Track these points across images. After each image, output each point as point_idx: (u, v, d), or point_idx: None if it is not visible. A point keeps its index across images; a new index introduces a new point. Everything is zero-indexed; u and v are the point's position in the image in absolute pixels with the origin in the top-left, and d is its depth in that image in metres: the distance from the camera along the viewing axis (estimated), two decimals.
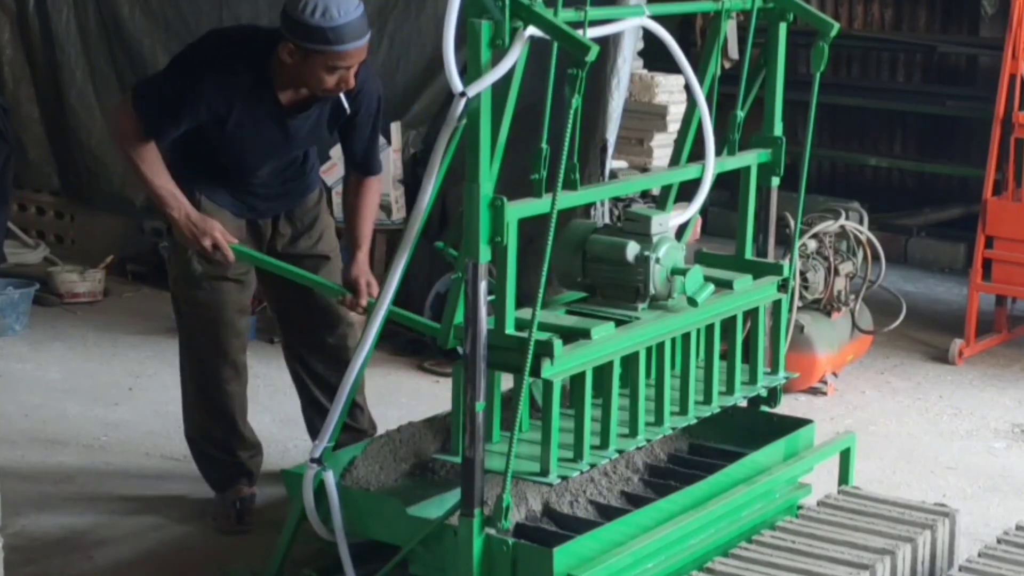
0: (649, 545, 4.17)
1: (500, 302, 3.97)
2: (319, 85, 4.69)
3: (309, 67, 4.64)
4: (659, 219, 4.40)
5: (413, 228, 4.11)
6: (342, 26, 4.56)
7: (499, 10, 3.73)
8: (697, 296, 4.36)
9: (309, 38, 4.57)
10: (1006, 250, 7.53)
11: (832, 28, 4.71)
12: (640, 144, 7.76)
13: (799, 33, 6.22)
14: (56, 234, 9.09)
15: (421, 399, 6.47)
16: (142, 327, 7.55)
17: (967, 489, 5.83)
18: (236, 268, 5.00)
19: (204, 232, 4.81)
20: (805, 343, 6.73)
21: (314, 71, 4.65)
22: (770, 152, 4.82)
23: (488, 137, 3.81)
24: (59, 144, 8.92)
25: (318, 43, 4.57)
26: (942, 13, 10.36)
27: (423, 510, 4.24)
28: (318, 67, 4.63)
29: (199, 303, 5.06)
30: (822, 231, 6.92)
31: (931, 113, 10.08)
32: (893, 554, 4.34)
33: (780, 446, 4.78)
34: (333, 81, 4.67)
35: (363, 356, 4.25)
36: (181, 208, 4.83)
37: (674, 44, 4.35)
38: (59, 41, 8.74)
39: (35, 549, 4.99)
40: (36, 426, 6.20)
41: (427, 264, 6.74)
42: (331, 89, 4.70)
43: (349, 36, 4.57)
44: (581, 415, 4.13)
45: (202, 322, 5.09)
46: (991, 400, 6.94)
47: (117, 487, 5.56)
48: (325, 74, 4.65)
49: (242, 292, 5.10)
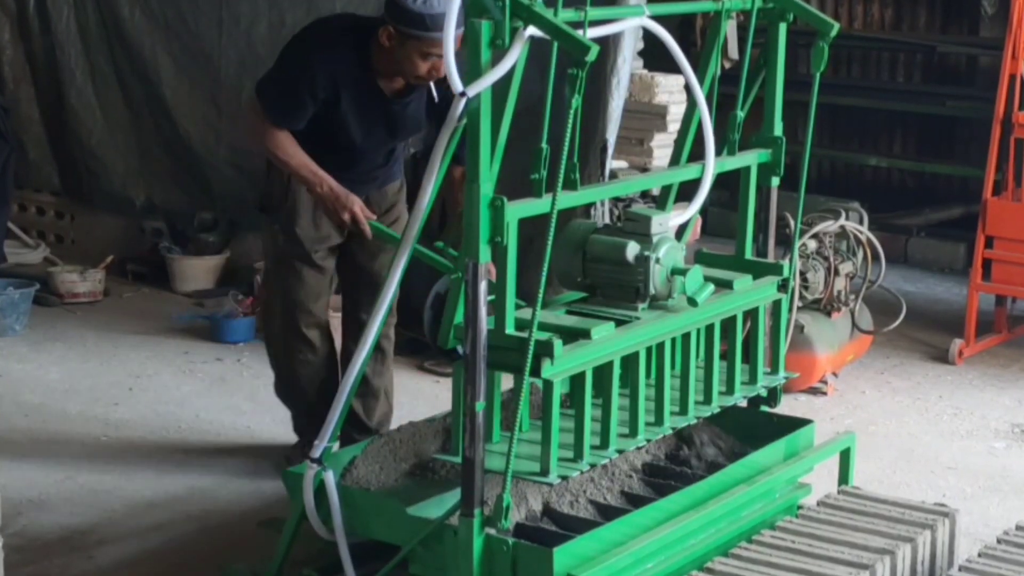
0: (649, 545, 4.17)
1: (500, 302, 3.97)
2: (412, 71, 4.96)
3: (405, 52, 4.92)
4: (659, 219, 4.40)
5: (413, 228, 4.12)
6: (440, 14, 4.75)
7: (499, 10, 3.73)
8: (697, 296, 4.36)
9: (409, 22, 4.86)
10: (1006, 250, 7.53)
11: (832, 28, 4.71)
12: (640, 144, 7.76)
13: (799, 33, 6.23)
14: (56, 234, 9.10)
15: (421, 399, 6.47)
16: (142, 327, 7.56)
17: (967, 489, 5.83)
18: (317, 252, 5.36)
19: (345, 206, 5.14)
20: (805, 343, 6.73)
21: (409, 56, 4.92)
22: (770, 152, 4.82)
23: (488, 137, 3.81)
24: (59, 144, 8.92)
25: (416, 28, 4.85)
26: (942, 13, 10.37)
27: (423, 510, 4.24)
28: (413, 52, 4.91)
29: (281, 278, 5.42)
30: (822, 231, 6.93)
31: (931, 113, 10.08)
32: (893, 554, 4.34)
33: (780, 446, 4.78)
34: (426, 68, 4.94)
35: (363, 356, 4.24)
36: (324, 183, 5.15)
37: (674, 44, 4.35)
38: (59, 41, 8.74)
39: (35, 549, 5.00)
40: (36, 426, 6.20)
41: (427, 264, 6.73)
42: (423, 76, 4.97)
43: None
44: (581, 415, 4.13)
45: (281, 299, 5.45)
46: (991, 400, 6.94)
47: (117, 487, 5.57)
48: (419, 60, 4.92)
49: (321, 276, 5.44)
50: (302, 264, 5.39)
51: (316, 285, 5.45)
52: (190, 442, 6.02)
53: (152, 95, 8.43)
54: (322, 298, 5.52)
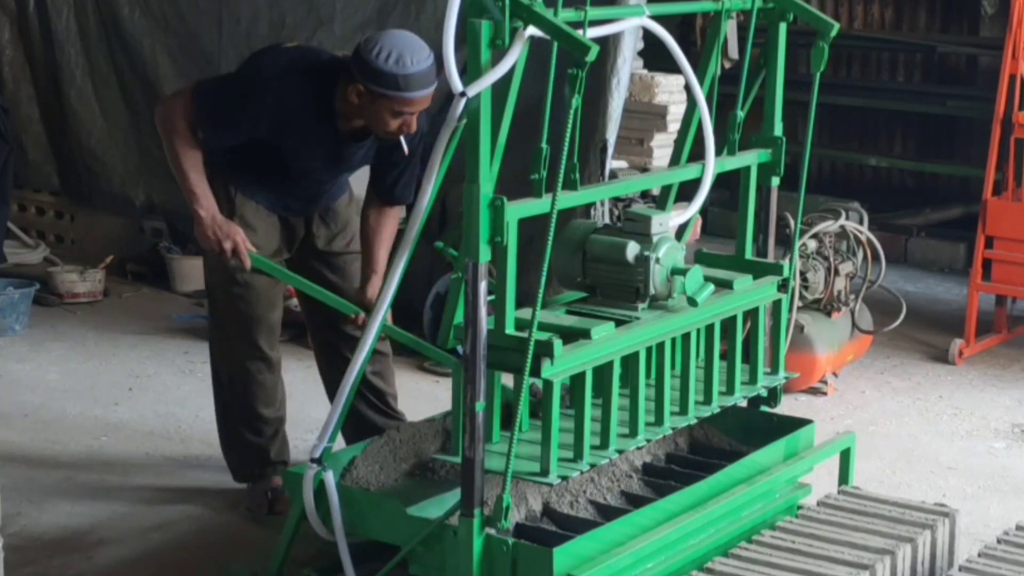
0: (649, 545, 4.17)
1: (500, 302, 3.97)
2: (382, 128, 4.78)
3: (376, 109, 4.72)
4: (659, 219, 4.40)
5: (413, 228, 4.12)
6: (413, 74, 4.63)
7: (499, 10, 3.73)
8: (697, 296, 4.36)
9: (380, 83, 4.65)
10: (1006, 250, 7.53)
11: (832, 28, 4.71)
12: (640, 144, 7.76)
13: (799, 33, 6.23)
14: (56, 234, 9.10)
15: (421, 399, 6.46)
16: (142, 327, 7.55)
17: (967, 489, 5.83)
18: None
19: (227, 235, 4.89)
20: (805, 343, 6.73)
21: (380, 114, 4.73)
22: (770, 152, 4.82)
23: (488, 137, 3.81)
24: (59, 144, 8.92)
25: (388, 88, 4.65)
26: (942, 13, 10.37)
27: (423, 510, 4.24)
28: (384, 110, 4.72)
29: (232, 296, 5.14)
30: (822, 231, 6.93)
31: (931, 113, 10.08)
32: (893, 554, 4.34)
33: (780, 446, 4.78)
34: (396, 124, 4.75)
35: (363, 357, 4.25)
36: (210, 209, 4.92)
37: (674, 44, 4.35)
38: (59, 41, 8.74)
39: (35, 549, 4.99)
40: (36, 426, 6.20)
41: (427, 264, 6.75)
42: (392, 132, 4.79)
43: (418, 84, 4.64)
44: (581, 415, 4.14)
45: (235, 314, 5.18)
46: (991, 400, 6.94)
47: (117, 487, 5.57)
48: (390, 118, 4.73)
49: (274, 287, 5.19)
50: (254, 278, 5.09)
51: (270, 298, 5.20)
52: (190, 442, 6.02)
53: (152, 95, 8.42)
54: (276, 311, 5.26)
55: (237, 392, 5.28)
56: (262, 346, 5.23)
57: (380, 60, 4.63)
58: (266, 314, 5.21)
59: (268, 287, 5.16)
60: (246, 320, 5.18)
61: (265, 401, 5.29)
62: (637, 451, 4.62)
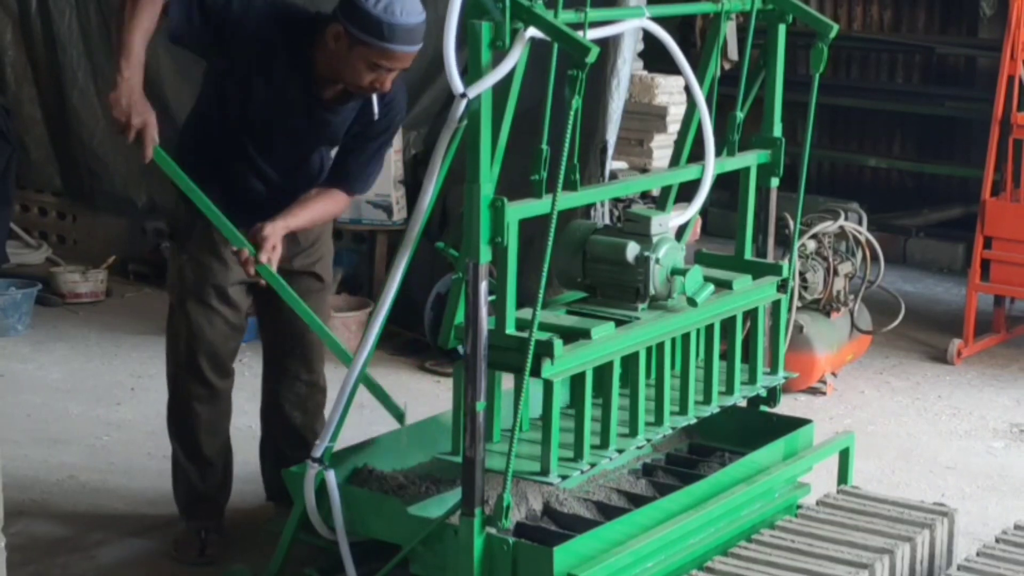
0: (649, 545, 4.18)
1: (500, 302, 3.98)
2: (354, 78, 4.51)
3: (352, 57, 4.46)
4: (659, 219, 4.41)
5: (414, 229, 4.12)
6: (400, 25, 4.40)
7: (499, 11, 3.74)
8: (697, 296, 4.37)
9: (363, 27, 4.40)
10: (1005, 250, 7.54)
11: (831, 29, 4.72)
12: (640, 145, 7.78)
13: (799, 34, 6.25)
14: (58, 234, 9.11)
15: (421, 399, 6.48)
16: (144, 327, 7.56)
17: (966, 489, 5.84)
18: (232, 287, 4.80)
19: (138, 112, 4.46)
20: (804, 343, 6.74)
21: (355, 62, 4.47)
22: (770, 153, 4.83)
23: (488, 138, 3.82)
24: (61, 145, 8.93)
25: (371, 35, 4.40)
26: (941, 14, 10.38)
27: (424, 510, 4.25)
28: (360, 59, 4.46)
29: (186, 315, 4.84)
30: (821, 231, 6.94)
31: (930, 114, 10.09)
32: (892, 553, 4.35)
33: (779, 446, 4.79)
34: (370, 79, 4.50)
35: (363, 357, 4.25)
36: (132, 77, 4.46)
37: (674, 45, 4.36)
38: (61, 42, 8.75)
39: (36, 549, 5.00)
40: (38, 426, 6.21)
41: (428, 264, 6.76)
42: (364, 86, 4.52)
43: (403, 38, 4.42)
44: (581, 415, 4.15)
45: (185, 338, 4.86)
46: (990, 400, 6.95)
47: (119, 487, 5.58)
48: (365, 69, 4.47)
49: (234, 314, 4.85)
50: (212, 299, 4.78)
51: (226, 325, 4.83)
52: None
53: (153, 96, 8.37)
54: (231, 342, 4.88)
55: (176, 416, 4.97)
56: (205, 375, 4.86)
57: (369, 3, 4.38)
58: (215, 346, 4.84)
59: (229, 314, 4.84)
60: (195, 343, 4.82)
61: (200, 432, 4.94)
62: (637, 451, 4.64)
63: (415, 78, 7.66)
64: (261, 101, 4.65)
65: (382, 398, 4.49)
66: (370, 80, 4.50)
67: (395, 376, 6.86)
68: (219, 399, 4.96)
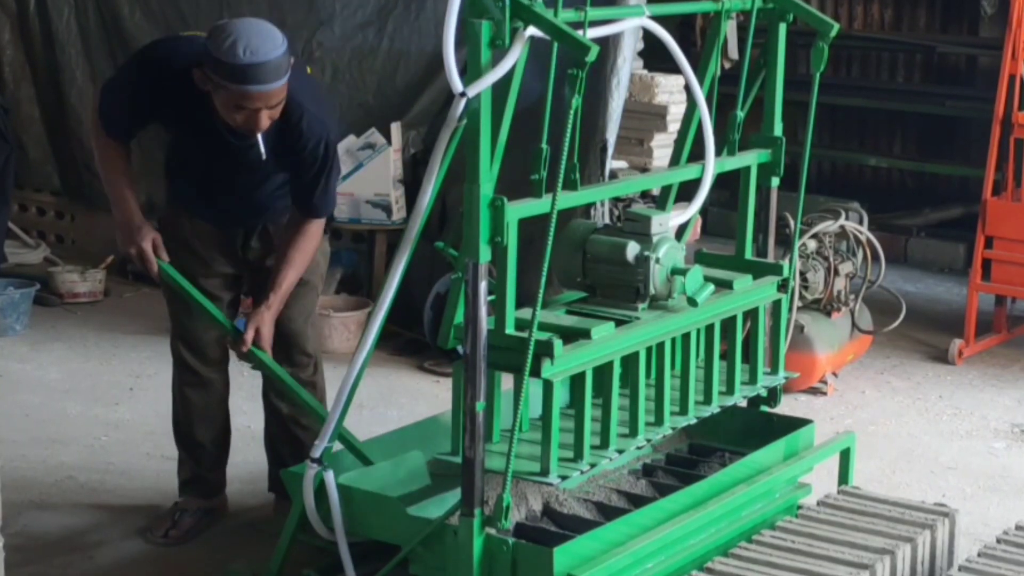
0: (649, 545, 4.18)
1: (500, 302, 3.98)
2: (229, 119, 4.51)
3: (219, 99, 4.47)
4: (659, 219, 4.40)
5: (413, 228, 4.12)
6: (248, 66, 4.34)
7: (499, 10, 3.73)
8: (697, 296, 4.37)
9: (216, 71, 4.40)
10: (1006, 250, 7.53)
11: (832, 28, 4.72)
12: (640, 144, 7.77)
13: (799, 33, 6.23)
14: (56, 234, 9.10)
15: (421, 399, 6.47)
16: (143, 327, 7.55)
17: (967, 489, 5.83)
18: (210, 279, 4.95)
19: (132, 241, 4.72)
20: (805, 343, 6.73)
21: (224, 104, 4.47)
22: (770, 152, 4.83)
23: (488, 137, 3.81)
24: (60, 144, 8.92)
25: (223, 78, 4.39)
26: (942, 13, 10.37)
27: (423, 510, 4.24)
28: (227, 101, 4.45)
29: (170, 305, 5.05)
30: (822, 231, 6.93)
31: (931, 113, 10.08)
32: (893, 554, 4.34)
33: (780, 446, 4.79)
34: (242, 118, 4.48)
35: (363, 357, 4.24)
36: (124, 211, 4.74)
37: (674, 44, 4.36)
38: (60, 41, 8.74)
39: (36, 549, 5.00)
40: (37, 426, 6.20)
41: (427, 264, 6.75)
42: (239, 126, 4.52)
43: (255, 78, 4.36)
44: (581, 415, 4.14)
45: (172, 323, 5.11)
46: (991, 400, 6.94)
47: (118, 487, 5.57)
48: (233, 110, 4.46)
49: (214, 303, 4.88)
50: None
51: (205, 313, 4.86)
52: None
53: None
54: (212, 331, 4.97)
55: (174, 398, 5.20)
56: (196, 368, 5.08)
57: (222, 47, 4.34)
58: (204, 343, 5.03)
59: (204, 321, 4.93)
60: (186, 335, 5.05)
61: (193, 417, 5.14)
62: (637, 451, 4.63)
63: (414, 77, 7.67)
64: (195, 144, 4.78)
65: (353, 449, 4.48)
66: (242, 119, 4.50)
67: (394, 376, 6.86)
68: (209, 385, 5.13)
